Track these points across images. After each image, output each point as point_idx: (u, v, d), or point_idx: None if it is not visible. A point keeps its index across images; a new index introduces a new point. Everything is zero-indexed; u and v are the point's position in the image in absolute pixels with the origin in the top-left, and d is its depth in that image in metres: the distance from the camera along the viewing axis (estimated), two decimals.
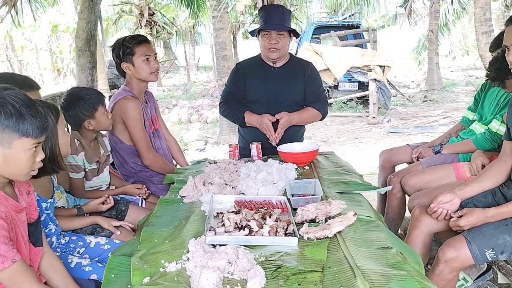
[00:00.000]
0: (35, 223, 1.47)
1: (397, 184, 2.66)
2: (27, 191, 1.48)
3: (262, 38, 2.65)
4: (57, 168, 1.65)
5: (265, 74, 2.74)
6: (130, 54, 2.45)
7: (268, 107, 2.69)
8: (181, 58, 24.34)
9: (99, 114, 2.24)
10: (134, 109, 2.44)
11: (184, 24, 21.23)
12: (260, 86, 2.73)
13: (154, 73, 2.53)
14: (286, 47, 2.69)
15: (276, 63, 2.74)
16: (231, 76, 2.89)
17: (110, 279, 1.35)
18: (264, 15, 2.65)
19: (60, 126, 1.74)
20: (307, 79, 2.78)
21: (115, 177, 2.59)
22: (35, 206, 1.50)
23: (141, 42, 2.48)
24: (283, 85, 2.72)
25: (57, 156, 1.64)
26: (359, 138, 7.29)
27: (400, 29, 15.96)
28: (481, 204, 1.92)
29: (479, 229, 1.76)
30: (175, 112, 10.36)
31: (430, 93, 11.81)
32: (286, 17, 2.65)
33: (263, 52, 2.73)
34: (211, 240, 1.43)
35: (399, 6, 15.60)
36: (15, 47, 21.67)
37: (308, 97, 2.79)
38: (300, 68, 2.80)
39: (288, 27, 2.63)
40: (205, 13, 10.88)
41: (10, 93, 1.25)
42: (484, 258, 1.71)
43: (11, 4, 4.16)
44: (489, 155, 2.39)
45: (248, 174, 2.10)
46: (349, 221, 1.55)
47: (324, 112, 2.83)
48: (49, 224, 1.81)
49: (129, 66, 2.48)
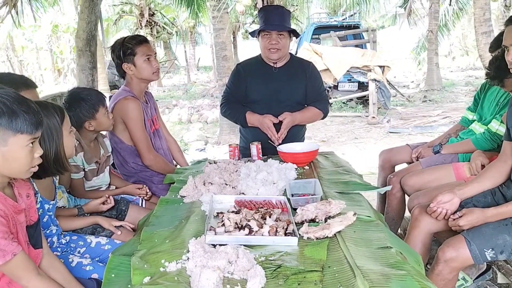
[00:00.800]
0: (34, 225, 1.47)
1: (396, 184, 2.66)
2: (27, 193, 1.48)
3: (262, 38, 2.66)
4: (62, 169, 1.65)
5: (266, 74, 2.75)
6: (131, 55, 2.45)
7: (269, 107, 2.70)
8: (181, 58, 24.34)
9: (100, 115, 2.25)
10: (135, 109, 2.45)
11: (184, 25, 21.23)
12: (261, 87, 2.74)
13: (156, 72, 2.54)
14: (286, 47, 2.69)
15: (276, 63, 2.74)
16: (231, 77, 2.89)
17: (110, 278, 1.35)
18: (264, 16, 2.65)
19: (65, 127, 1.74)
20: (308, 78, 2.79)
21: (115, 177, 2.59)
22: (35, 209, 1.50)
23: (141, 42, 2.49)
24: (284, 85, 2.73)
25: (61, 157, 1.64)
26: (359, 138, 7.29)
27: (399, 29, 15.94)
28: (480, 204, 1.92)
29: (478, 229, 1.77)
30: (175, 112, 10.36)
31: (429, 93, 11.81)
32: (286, 18, 2.66)
33: (264, 53, 2.74)
34: (211, 240, 1.44)
35: (398, 6, 15.60)
36: (15, 47, 21.68)
37: (309, 96, 2.80)
38: (301, 68, 2.81)
39: (288, 27, 2.64)
40: (205, 14, 10.87)
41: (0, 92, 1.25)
42: (484, 258, 1.72)
43: (11, 4, 4.16)
44: (488, 155, 2.40)
45: (248, 174, 2.11)
46: (349, 221, 1.55)
47: (326, 111, 2.85)
48: (50, 226, 1.81)
49: (131, 67, 2.48)
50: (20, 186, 1.46)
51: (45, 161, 1.49)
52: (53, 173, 1.65)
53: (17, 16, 4.46)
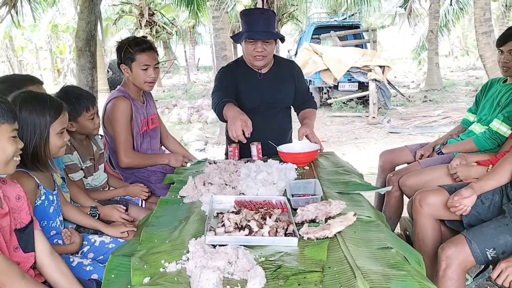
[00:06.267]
0: (24, 228, 1.44)
1: (395, 183, 2.66)
2: (17, 195, 1.46)
3: (247, 44, 2.53)
4: (40, 167, 1.66)
5: (252, 80, 2.66)
6: (129, 59, 2.44)
7: (258, 113, 2.60)
8: (181, 58, 24.37)
9: (82, 119, 2.21)
10: (121, 109, 2.44)
11: (184, 24, 21.26)
12: (250, 95, 2.65)
13: (149, 83, 2.49)
14: (272, 53, 2.60)
15: (261, 69, 2.66)
16: (219, 80, 2.68)
17: (110, 279, 1.34)
18: (248, 21, 2.51)
19: (56, 127, 1.70)
20: (296, 79, 2.77)
21: (113, 177, 2.59)
22: (26, 211, 1.47)
23: (144, 50, 2.44)
24: (273, 90, 2.67)
25: (41, 155, 1.64)
26: (359, 138, 7.29)
27: (400, 29, 15.97)
28: (488, 201, 1.96)
29: (478, 228, 1.78)
30: (175, 112, 10.37)
31: (430, 93, 11.82)
32: (272, 22, 2.53)
33: (248, 60, 2.62)
34: (211, 240, 1.43)
35: (399, 6, 15.62)
36: (15, 47, 21.69)
37: (298, 97, 2.79)
38: (288, 70, 2.75)
39: (274, 35, 2.53)
40: (205, 13, 10.89)
41: None
42: (485, 257, 1.72)
43: (11, 4, 4.16)
44: (490, 155, 2.39)
45: (248, 174, 2.10)
46: (349, 221, 1.55)
47: (316, 107, 2.91)
48: (56, 218, 1.81)
49: (127, 70, 2.48)
50: (8, 189, 1.44)
51: (23, 154, 1.51)
52: (31, 168, 1.66)
53: (17, 16, 4.46)
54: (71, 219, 1.98)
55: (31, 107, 1.64)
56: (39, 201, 1.73)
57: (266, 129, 2.61)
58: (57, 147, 1.73)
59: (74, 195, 2.15)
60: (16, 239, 1.40)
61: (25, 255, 1.43)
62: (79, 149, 2.25)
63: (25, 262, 1.43)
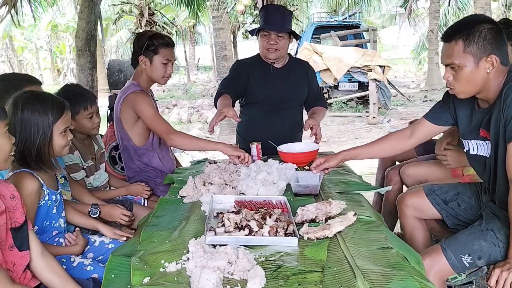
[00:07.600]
0: (19, 227, 1.44)
1: (395, 177, 2.64)
2: (12, 195, 1.45)
3: (261, 38, 2.65)
4: (43, 166, 1.66)
5: (265, 74, 2.73)
6: (152, 52, 2.41)
7: (269, 108, 2.70)
8: (181, 58, 24.34)
9: (80, 117, 2.19)
10: (147, 100, 2.40)
11: (184, 24, 21.25)
12: (261, 87, 2.72)
13: (166, 77, 2.51)
14: (285, 48, 2.68)
15: (274, 63, 2.73)
16: (231, 71, 2.82)
17: (110, 279, 1.34)
18: (265, 15, 2.64)
19: (59, 126, 1.70)
20: (310, 78, 2.82)
21: (114, 177, 2.58)
22: (20, 211, 1.47)
23: (168, 45, 2.45)
24: (285, 86, 2.72)
25: (45, 154, 1.64)
26: (359, 138, 7.29)
27: (400, 29, 15.97)
28: (464, 203, 1.97)
29: (454, 236, 1.77)
30: (175, 112, 10.37)
31: (430, 93, 11.82)
32: (287, 18, 2.64)
33: (262, 52, 2.72)
34: (211, 240, 1.43)
35: (399, 6, 15.62)
36: (15, 47, 21.69)
37: (311, 96, 2.82)
38: (302, 69, 2.82)
39: (288, 29, 2.62)
40: (205, 13, 10.89)
41: None
42: (462, 264, 1.69)
43: (11, 4, 4.16)
44: None
45: (248, 174, 2.10)
46: (349, 221, 1.55)
47: (326, 106, 2.96)
48: (58, 218, 1.80)
49: (146, 62, 2.43)
50: (3, 188, 1.44)
51: (27, 154, 1.49)
52: (36, 168, 1.66)
53: (17, 15, 4.46)
54: (71, 221, 1.97)
55: (33, 107, 1.64)
56: (43, 201, 1.72)
57: (276, 124, 2.66)
58: (60, 147, 1.73)
59: (77, 193, 2.14)
60: (11, 237, 1.40)
61: (20, 254, 1.43)
62: (80, 148, 2.25)
63: (21, 260, 1.43)
